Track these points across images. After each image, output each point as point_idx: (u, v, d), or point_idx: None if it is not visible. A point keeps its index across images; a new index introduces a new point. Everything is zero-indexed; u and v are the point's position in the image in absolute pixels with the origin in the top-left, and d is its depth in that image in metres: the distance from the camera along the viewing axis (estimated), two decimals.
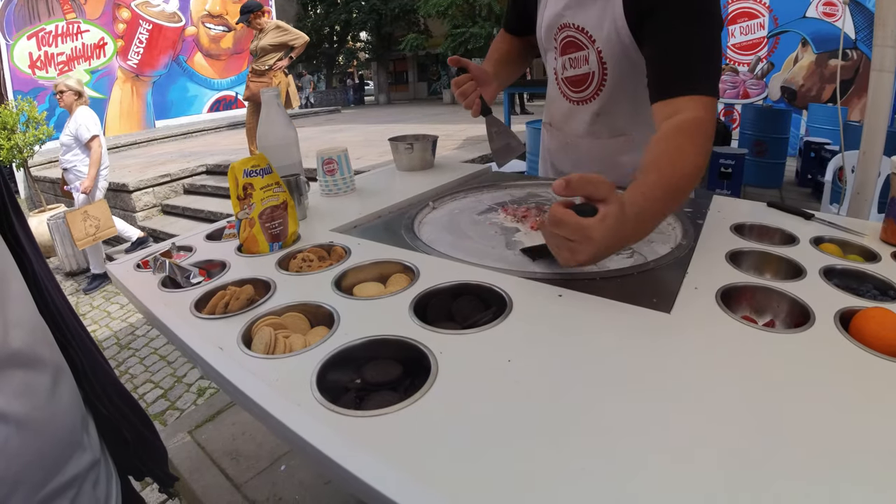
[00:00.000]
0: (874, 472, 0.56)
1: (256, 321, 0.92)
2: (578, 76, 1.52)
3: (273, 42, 6.26)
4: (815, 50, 8.04)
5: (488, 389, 0.71)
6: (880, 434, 0.61)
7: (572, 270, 1.06)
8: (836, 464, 0.57)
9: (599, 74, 1.46)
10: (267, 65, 6.30)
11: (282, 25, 6.40)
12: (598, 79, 1.47)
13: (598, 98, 1.50)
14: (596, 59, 1.43)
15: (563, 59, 1.54)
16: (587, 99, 1.54)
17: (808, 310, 0.88)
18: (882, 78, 2.03)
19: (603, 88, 1.48)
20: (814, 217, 1.31)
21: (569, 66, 1.53)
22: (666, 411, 0.66)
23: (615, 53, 1.38)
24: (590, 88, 1.51)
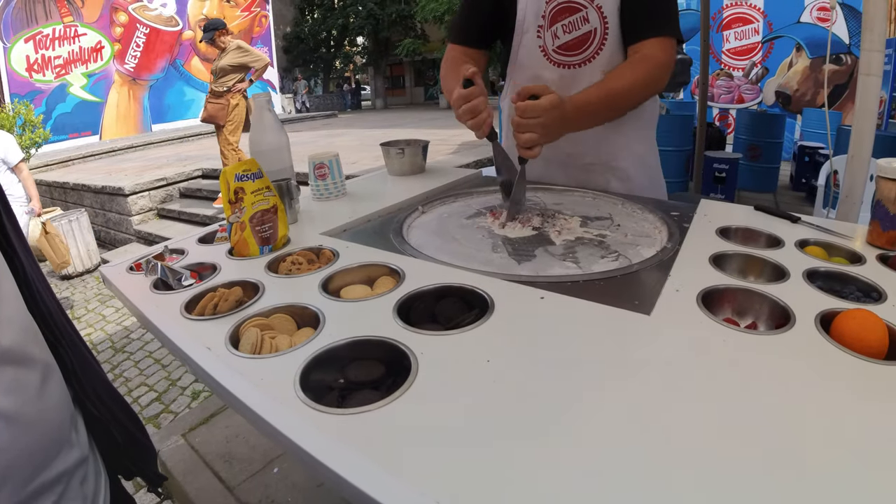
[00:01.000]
0: (854, 471, 0.57)
1: (244, 322, 0.94)
2: (576, 39, 1.55)
3: (233, 63, 6.06)
4: (810, 55, 8.08)
5: (467, 389, 0.73)
6: (858, 434, 0.62)
7: (556, 273, 1.08)
8: (816, 464, 0.58)
9: (602, 29, 1.51)
10: (226, 86, 6.08)
11: (243, 46, 6.22)
12: (601, 35, 1.52)
13: (603, 53, 1.54)
14: (597, 16, 1.50)
15: (553, 29, 1.56)
16: (591, 57, 1.56)
17: (789, 312, 0.89)
18: (869, 82, 2.04)
19: (605, 44, 1.53)
20: (800, 220, 1.32)
21: (562, 34, 1.56)
22: (643, 411, 0.67)
23: (613, 4, 1.48)
24: (592, 46, 1.54)
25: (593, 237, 1.30)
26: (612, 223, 1.39)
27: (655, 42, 1.44)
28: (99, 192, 7.67)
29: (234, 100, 6.09)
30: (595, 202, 1.57)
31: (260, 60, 6.20)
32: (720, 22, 8.62)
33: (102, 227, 7.76)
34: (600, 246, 1.24)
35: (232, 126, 6.14)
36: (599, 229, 1.35)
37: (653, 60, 1.43)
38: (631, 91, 1.43)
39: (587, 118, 1.42)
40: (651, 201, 1.52)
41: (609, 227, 1.36)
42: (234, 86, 6.07)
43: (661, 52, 1.44)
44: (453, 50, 1.77)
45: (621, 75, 1.43)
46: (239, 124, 6.20)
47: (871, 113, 2.09)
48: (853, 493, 0.55)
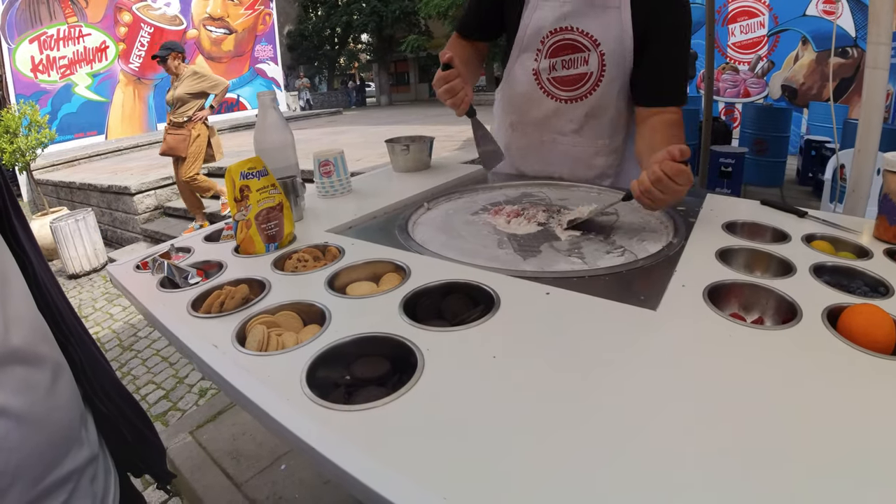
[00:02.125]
0: (861, 467, 0.57)
1: (250, 320, 0.94)
2: (572, 76, 1.60)
3: (191, 90, 5.68)
4: (816, 48, 8.04)
5: (472, 385, 0.73)
6: (865, 429, 0.62)
7: (561, 269, 1.09)
8: (822, 459, 0.58)
9: (598, 74, 1.57)
10: (186, 116, 5.70)
11: (199, 71, 5.85)
12: (596, 78, 1.57)
13: (592, 96, 1.60)
14: (597, 60, 1.55)
15: (551, 61, 1.61)
16: (580, 97, 1.62)
17: (796, 306, 0.89)
18: (876, 75, 2.03)
19: (598, 87, 1.59)
20: (807, 215, 1.31)
21: (560, 68, 1.60)
22: (649, 406, 0.67)
23: (616, 56, 1.52)
24: (585, 86, 1.60)
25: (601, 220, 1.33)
26: (617, 218, 1.38)
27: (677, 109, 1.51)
28: (105, 192, 7.70)
29: (196, 130, 5.77)
30: (600, 197, 1.56)
31: (218, 85, 5.87)
32: (725, 15, 8.59)
33: (109, 227, 7.79)
34: (606, 241, 1.24)
35: (192, 158, 5.81)
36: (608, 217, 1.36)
37: (681, 126, 1.49)
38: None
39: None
40: None
41: (615, 221, 1.36)
42: (194, 115, 5.74)
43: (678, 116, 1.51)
44: (455, 38, 1.82)
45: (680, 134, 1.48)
46: (200, 156, 5.89)
47: (877, 106, 2.07)
48: (862, 487, 0.54)
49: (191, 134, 5.72)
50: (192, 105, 5.71)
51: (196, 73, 5.77)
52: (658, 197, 1.20)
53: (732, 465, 0.57)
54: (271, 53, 18.61)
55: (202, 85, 5.73)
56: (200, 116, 5.77)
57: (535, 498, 0.55)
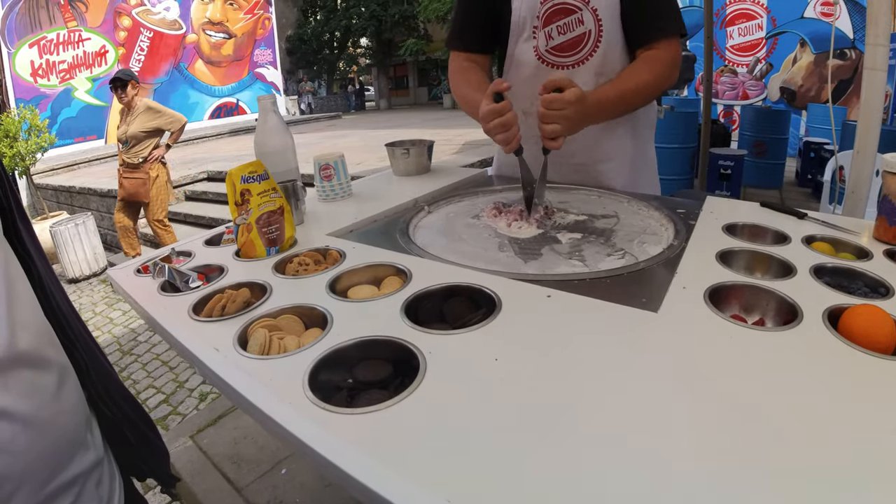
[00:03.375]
0: (863, 467, 0.57)
1: (252, 323, 0.94)
2: (570, 40, 1.58)
3: (145, 128, 5.13)
4: (814, 50, 8.05)
5: (474, 388, 0.73)
6: (866, 430, 0.62)
7: (562, 271, 1.09)
8: (824, 460, 0.58)
9: (596, 31, 1.55)
10: (141, 156, 5.16)
11: (153, 107, 5.26)
12: (595, 36, 1.56)
13: (596, 54, 1.57)
14: (592, 18, 1.53)
15: (547, 30, 1.59)
16: (585, 58, 1.59)
17: (797, 308, 0.89)
18: (875, 76, 2.03)
19: (598, 45, 1.56)
20: (807, 216, 1.31)
21: (556, 35, 1.59)
22: (651, 409, 0.67)
23: (608, 7, 1.52)
24: (585, 48, 1.58)
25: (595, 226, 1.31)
26: (618, 221, 1.39)
27: (662, 44, 1.51)
28: (105, 196, 7.71)
29: (154, 171, 5.26)
30: (600, 200, 1.57)
31: (176, 121, 5.30)
32: (724, 18, 8.60)
33: (109, 231, 7.78)
34: (606, 244, 1.24)
35: (157, 201, 5.34)
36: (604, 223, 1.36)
37: (662, 61, 1.51)
38: (644, 90, 1.51)
39: (604, 113, 1.49)
40: (656, 199, 1.52)
41: (615, 224, 1.36)
42: (150, 154, 5.20)
43: (669, 53, 1.51)
44: (458, 58, 1.79)
45: (635, 74, 1.50)
46: (165, 196, 5.42)
47: (876, 108, 2.08)
48: (862, 488, 0.55)
49: (149, 175, 5.24)
50: (148, 143, 5.22)
51: (151, 108, 5.24)
52: (545, 129, 1.35)
53: (734, 466, 0.58)
54: (271, 58, 18.62)
55: (158, 121, 5.21)
56: (157, 156, 5.27)
57: (539, 499, 0.55)
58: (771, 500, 0.54)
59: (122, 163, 5.23)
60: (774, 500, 0.54)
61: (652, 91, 1.54)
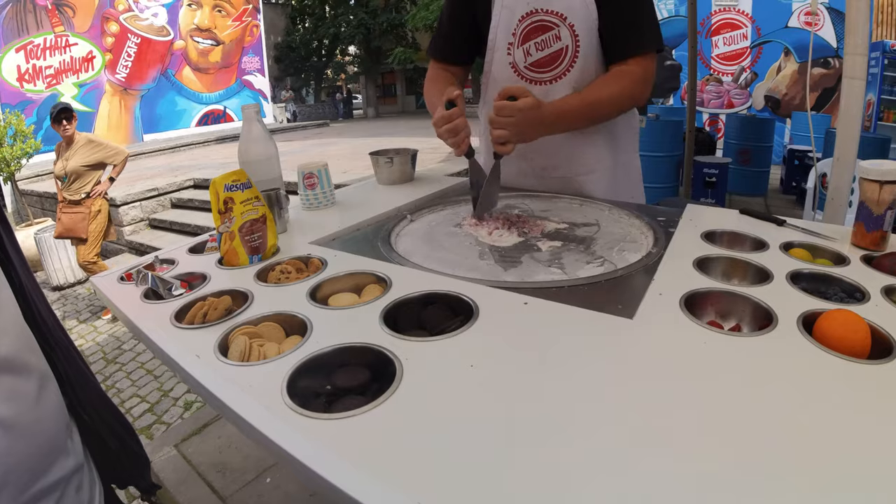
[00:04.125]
0: (835, 470, 0.58)
1: (233, 330, 0.95)
2: (548, 56, 1.60)
3: (86, 162, 4.81)
4: (798, 59, 8.17)
5: (450, 393, 0.74)
6: (841, 432, 0.63)
7: (541, 279, 1.11)
8: (800, 464, 0.59)
9: (573, 47, 1.57)
10: (83, 192, 4.85)
11: (94, 140, 4.93)
12: (572, 52, 1.57)
13: (574, 70, 1.59)
14: (569, 34, 1.55)
15: (525, 47, 1.62)
16: (561, 74, 1.61)
17: (772, 313, 0.90)
18: (853, 85, 2.07)
19: (576, 61, 1.58)
20: (786, 223, 1.33)
21: (534, 51, 1.61)
22: (623, 414, 0.69)
23: (585, 23, 1.53)
24: (563, 64, 1.60)
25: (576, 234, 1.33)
26: (598, 229, 1.40)
27: (636, 60, 1.52)
28: None
29: (96, 205, 4.93)
30: (581, 209, 1.58)
31: (118, 154, 4.97)
32: (709, 28, 8.70)
33: None
34: (586, 252, 1.26)
35: (94, 239, 4.97)
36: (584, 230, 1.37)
37: (632, 76, 1.52)
38: (609, 102, 1.53)
39: (564, 123, 1.52)
40: (637, 207, 1.53)
41: (595, 232, 1.38)
42: (93, 190, 4.89)
43: (641, 69, 1.52)
44: (434, 67, 1.85)
45: (601, 87, 1.52)
46: (100, 234, 5.05)
47: (855, 116, 2.11)
48: (837, 491, 0.56)
49: (90, 210, 4.90)
50: (90, 178, 4.90)
51: (91, 141, 4.92)
52: (493, 134, 1.41)
53: (711, 471, 0.59)
54: (258, 65, 18.60)
55: (99, 155, 4.88)
56: (100, 190, 4.94)
57: (514, 502, 0.56)
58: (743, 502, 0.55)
59: (62, 199, 4.93)
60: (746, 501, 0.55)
61: (619, 104, 1.56)
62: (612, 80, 1.53)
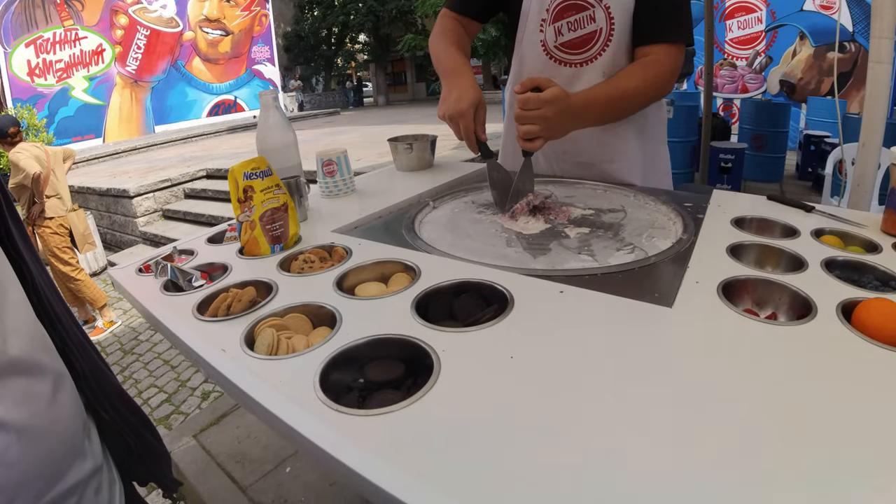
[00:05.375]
0: (878, 463, 0.56)
1: (258, 323, 0.93)
2: (580, 37, 1.54)
3: (11, 186, 4.48)
4: (814, 43, 8.05)
5: (491, 386, 0.72)
6: (884, 424, 0.61)
7: (572, 266, 1.07)
8: (839, 456, 0.57)
9: (607, 30, 1.51)
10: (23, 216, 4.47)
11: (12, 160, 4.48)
12: (606, 35, 1.51)
13: (605, 54, 1.53)
14: (604, 16, 1.49)
15: (557, 26, 1.55)
16: (593, 57, 1.55)
17: (810, 302, 0.88)
18: (879, 69, 2.02)
19: (609, 44, 1.52)
20: (814, 210, 1.31)
21: (566, 31, 1.55)
22: (668, 405, 0.66)
23: (622, 5, 1.47)
24: (595, 46, 1.54)
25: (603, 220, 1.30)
26: (625, 215, 1.37)
27: (664, 48, 1.46)
28: (104, 195, 7.70)
29: (39, 229, 4.61)
30: (606, 194, 1.55)
31: (25, 177, 4.44)
32: (723, 11, 8.59)
33: (108, 230, 7.78)
34: (615, 238, 1.23)
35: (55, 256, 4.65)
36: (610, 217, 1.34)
37: (660, 66, 1.45)
38: (638, 93, 1.45)
39: (593, 116, 1.44)
40: (663, 192, 1.50)
41: (622, 218, 1.35)
42: (29, 214, 4.55)
43: (669, 58, 1.46)
44: (446, 18, 1.76)
45: (630, 76, 1.45)
46: (62, 248, 4.68)
47: (881, 100, 2.07)
48: (880, 481, 0.54)
49: (36, 236, 4.60)
50: (22, 202, 4.58)
51: (11, 161, 4.49)
52: (520, 130, 1.33)
53: (753, 462, 0.57)
54: (268, 54, 18.61)
55: (17, 179, 4.48)
56: (36, 214, 4.56)
57: (557, 500, 0.54)
58: (789, 496, 0.53)
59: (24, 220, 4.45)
60: (792, 495, 0.53)
61: (646, 97, 1.50)
62: (638, 70, 1.46)
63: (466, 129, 1.43)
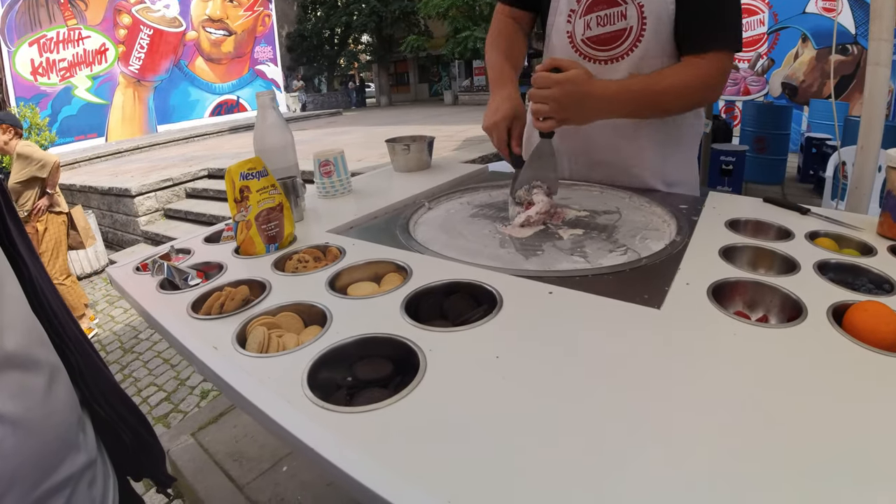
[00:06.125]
0: (867, 464, 0.56)
1: (251, 321, 0.94)
2: (609, 34, 1.47)
3: (18, 179, 4.39)
4: (816, 45, 8.03)
5: (475, 385, 0.72)
6: (871, 427, 0.61)
7: (564, 268, 1.08)
8: (828, 457, 0.57)
9: (637, 29, 1.43)
10: (25, 210, 4.44)
11: (23, 153, 4.42)
12: (636, 34, 1.44)
13: (632, 55, 1.46)
14: (636, 14, 1.41)
15: (586, 19, 1.48)
16: (619, 56, 1.48)
17: (801, 304, 0.88)
18: (878, 72, 2.03)
19: (638, 44, 1.44)
20: (810, 212, 1.30)
21: (595, 25, 1.48)
22: (653, 406, 0.66)
23: (656, 5, 1.39)
24: (623, 45, 1.46)
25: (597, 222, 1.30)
26: (620, 217, 1.38)
27: (714, 55, 1.35)
28: (106, 194, 7.71)
29: (42, 223, 4.54)
30: (602, 196, 1.56)
31: (44, 165, 4.46)
32: None
33: (110, 229, 7.80)
34: (608, 240, 1.23)
35: (49, 254, 4.58)
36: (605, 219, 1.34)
37: (706, 70, 1.36)
38: (677, 93, 1.37)
39: (620, 107, 1.37)
40: (659, 194, 1.50)
41: (617, 220, 1.35)
42: (33, 207, 4.47)
43: (717, 66, 1.36)
44: (500, 14, 1.73)
45: (670, 74, 1.37)
46: (58, 247, 4.64)
47: (879, 103, 2.07)
48: (868, 485, 0.54)
49: (37, 230, 4.53)
50: (28, 196, 4.48)
51: (20, 154, 4.44)
52: (533, 108, 1.31)
53: (737, 464, 0.57)
54: (271, 55, 18.64)
55: (27, 170, 4.43)
56: (42, 207, 4.51)
57: (541, 499, 0.54)
58: (774, 498, 0.53)
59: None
60: (777, 497, 0.53)
61: (686, 97, 1.40)
62: (681, 69, 1.37)
63: (499, 142, 1.44)
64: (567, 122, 1.32)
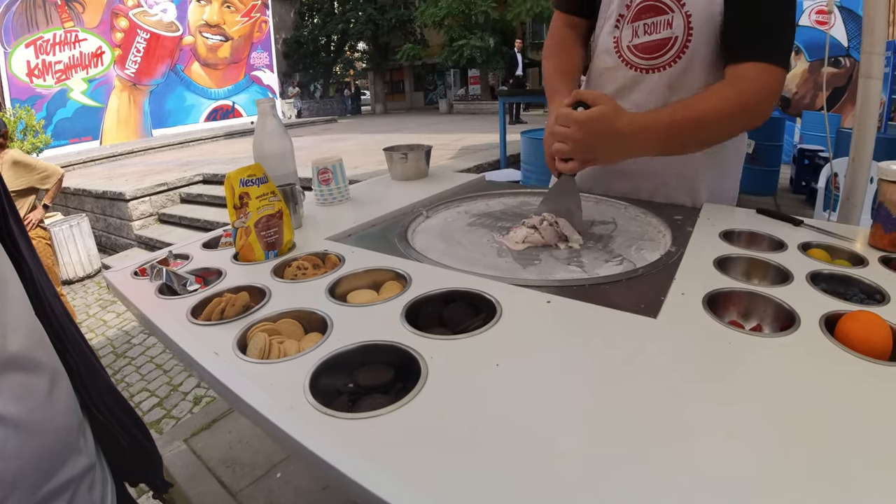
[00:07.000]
0: (859, 474, 0.57)
1: (251, 327, 0.94)
2: (655, 42, 1.42)
3: (14, 188, 4.02)
4: (808, 58, 8.10)
5: (476, 393, 0.73)
6: (864, 434, 0.62)
7: (561, 277, 1.09)
8: (820, 467, 0.58)
9: (683, 39, 1.37)
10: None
11: (21, 161, 4.13)
12: (681, 44, 1.38)
13: (676, 65, 1.41)
14: (683, 23, 1.36)
15: (634, 26, 1.45)
16: (662, 66, 1.43)
17: (794, 314, 0.89)
18: (870, 84, 2.05)
19: (683, 55, 1.39)
20: (802, 223, 1.32)
21: (642, 33, 1.44)
22: (650, 415, 0.67)
23: (704, 14, 1.33)
24: (668, 54, 1.41)
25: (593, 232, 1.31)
26: (615, 227, 1.39)
27: (754, 66, 1.24)
28: (100, 197, 7.69)
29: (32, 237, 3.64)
30: (598, 206, 1.57)
31: (50, 176, 4.25)
32: None
33: (103, 232, 7.77)
34: (604, 250, 1.25)
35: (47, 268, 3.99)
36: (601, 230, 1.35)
37: (748, 85, 1.24)
38: (717, 118, 1.25)
39: (650, 143, 1.27)
40: (654, 205, 1.52)
41: (613, 230, 1.37)
42: (24, 219, 4.06)
43: (760, 79, 1.24)
44: (559, 20, 1.68)
45: (703, 100, 1.25)
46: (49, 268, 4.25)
47: (871, 115, 2.09)
48: (858, 494, 0.55)
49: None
50: (20, 205, 4.13)
51: (18, 162, 4.10)
52: (554, 148, 1.25)
53: (732, 472, 0.58)
54: (267, 61, 18.64)
55: (27, 178, 4.14)
56: (32, 220, 4.22)
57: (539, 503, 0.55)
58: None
59: None
60: (772, 502, 0.54)
61: (729, 124, 1.29)
62: (721, 90, 1.26)
63: (547, 156, 1.35)
64: (592, 163, 1.28)
